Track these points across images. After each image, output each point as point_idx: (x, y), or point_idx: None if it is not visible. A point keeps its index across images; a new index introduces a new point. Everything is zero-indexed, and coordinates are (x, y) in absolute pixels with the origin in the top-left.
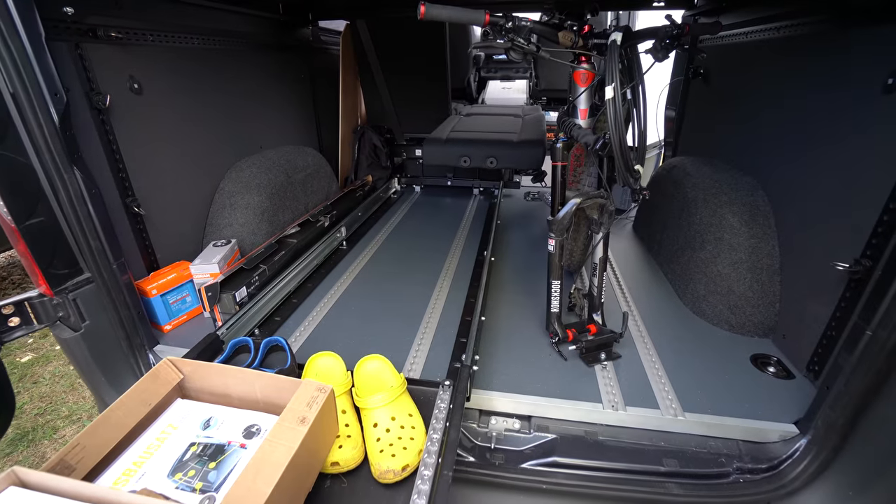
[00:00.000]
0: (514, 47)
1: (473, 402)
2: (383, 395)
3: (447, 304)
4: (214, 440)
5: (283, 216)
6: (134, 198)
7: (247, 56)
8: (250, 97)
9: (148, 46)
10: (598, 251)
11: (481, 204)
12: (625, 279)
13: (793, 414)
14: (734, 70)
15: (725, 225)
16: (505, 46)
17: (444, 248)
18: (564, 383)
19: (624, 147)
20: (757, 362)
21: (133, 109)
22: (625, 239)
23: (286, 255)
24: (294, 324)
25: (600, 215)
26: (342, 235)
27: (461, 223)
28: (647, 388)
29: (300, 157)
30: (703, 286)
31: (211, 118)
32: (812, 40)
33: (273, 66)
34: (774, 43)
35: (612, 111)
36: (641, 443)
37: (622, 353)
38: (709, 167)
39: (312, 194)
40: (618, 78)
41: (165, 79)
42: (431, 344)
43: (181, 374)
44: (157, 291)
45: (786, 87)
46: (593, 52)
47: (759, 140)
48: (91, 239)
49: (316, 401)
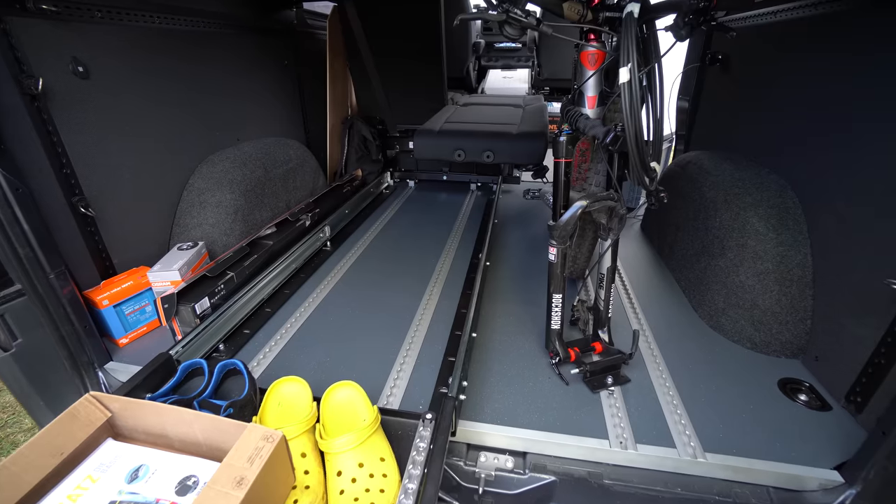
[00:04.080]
0: (509, 20)
1: (460, 436)
2: (350, 437)
3: (436, 314)
4: (139, 498)
5: (261, 214)
6: (82, 196)
7: (221, 39)
8: (225, 85)
9: (95, 24)
10: (606, 260)
11: (478, 200)
12: (633, 288)
13: (833, 455)
14: (761, 54)
15: (750, 230)
16: (499, 19)
17: (435, 250)
18: (565, 414)
19: (640, 141)
20: (786, 388)
21: (78, 96)
22: (632, 240)
23: (259, 260)
24: (264, 337)
25: (609, 220)
26: (326, 235)
27: (456, 222)
28: (660, 421)
29: (282, 151)
30: (722, 298)
31: (178, 107)
32: (858, 16)
33: (252, 51)
34: (813, 21)
35: (626, 97)
36: (655, 488)
37: (632, 376)
38: (729, 163)
39: (295, 190)
40: (635, 58)
41: (119, 62)
42: (416, 363)
43: (108, 413)
44: (110, 302)
45: (825, 73)
46: (605, 28)
47: (789, 133)
48: (19, 246)
49: (260, 454)
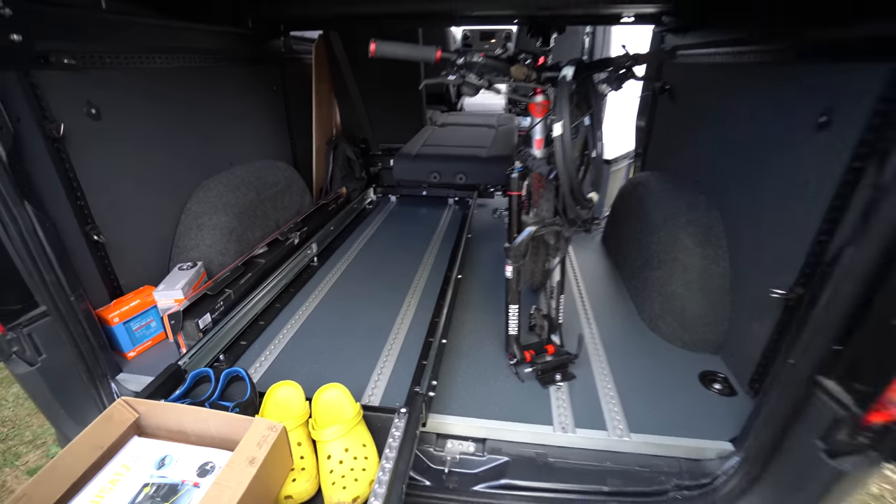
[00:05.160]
0: (465, 83)
1: (430, 427)
2: (337, 428)
3: (413, 323)
4: (168, 480)
5: (253, 234)
6: (94, 225)
7: (214, 72)
8: (219, 113)
9: (106, 69)
10: (556, 275)
11: (455, 214)
12: (588, 295)
13: (730, 431)
14: (696, 89)
15: (680, 245)
16: (457, 83)
17: (414, 263)
18: (519, 406)
19: (574, 184)
20: (705, 379)
21: (91, 136)
22: (592, 252)
23: (253, 278)
24: (260, 347)
25: (556, 241)
26: (313, 252)
27: (434, 236)
28: (597, 409)
29: (271, 173)
30: (659, 304)
31: (177, 138)
32: (765, 68)
33: (243, 80)
34: (732, 66)
35: (560, 149)
36: (589, 463)
37: (578, 372)
38: (671, 186)
39: (284, 210)
40: (567, 115)
41: (126, 101)
42: (394, 367)
43: (136, 414)
44: (120, 319)
45: (740, 111)
46: (547, 86)
47: (716, 160)
48: (46, 273)
49: (266, 440)
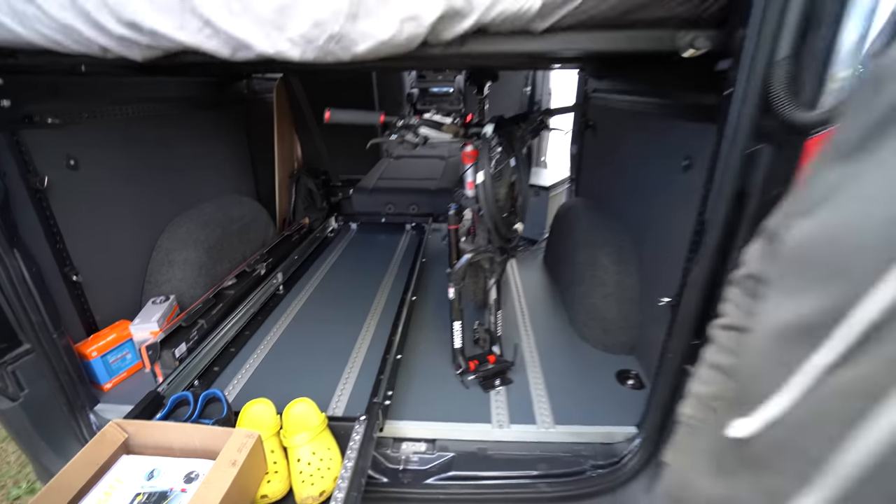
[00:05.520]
0: (404, 141)
1: (388, 432)
2: (305, 435)
3: (372, 342)
4: (158, 488)
5: (222, 267)
6: (72, 266)
7: (183, 117)
8: (187, 154)
9: (83, 124)
10: (493, 294)
11: (413, 239)
12: (528, 309)
13: (636, 417)
14: (610, 127)
15: (599, 264)
16: (398, 142)
17: (374, 287)
18: (464, 409)
19: (497, 219)
20: (620, 376)
21: (70, 184)
22: (535, 270)
23: (223, 308)
24: (232, 372)
25: (491, 266)
26: (279, 281)
27: (392, 260)
28: (528, 407)
29: (237, 208)
30: (584, 314)
31: (148, 180)
32: (651, 117)
33: (209, 123)
34: (634, 112)
35: (482, 194)
36: (521, 453)
37: (516, 377)
38: (594, 211)
39: (250, 242)
40: (487, 166)
41: (101, 150)
42: (356, 381)
43: (126, 434)
44: (98, 353)
45: (639, 149)
46: (474, 139)
47: (626, 189)
48: (32, 313)
49: (245, 446)
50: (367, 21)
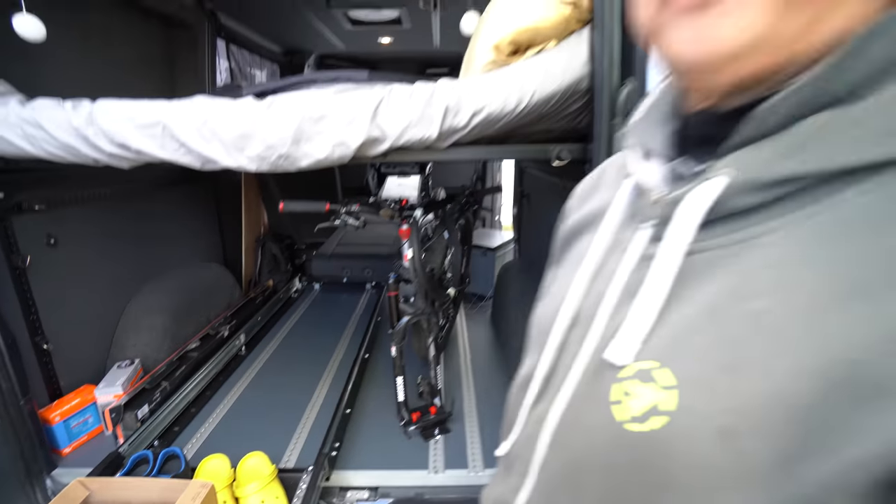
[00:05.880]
0: (346, 225)
1: (334, 481)
2: (255, 485)
3: (326, 397)
4: None
5: (187, 330)
6: (43, 336)
7: (156, 193)
8: (159, 226)
9: (64, 205)
10: (432, 350)
11: (372, 298)
12: (472, 362)
13: None
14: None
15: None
16: (340, 226)
17: (332, 345)
18: (404, 457)
19: (427, 289)
20: None
21: (48, 261)
22: (483, 324)
23: (186, 370)
24: (192, 430)
25: (428, 325)
26: (241, 342)
27: (351, 319)
28: (462, 453)
29: (204, 273)
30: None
31: (120, 252)
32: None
33: (181, 197)
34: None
35: (412, 268)
36: (455, 496)
37: (455, 426)
38: (524, 273)
39: (215, 306)
40: (416, 244)
41: (78, 228)
42: (309, 433)
43: (89, 491)
44: (60, 418)
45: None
46: (408, 220)
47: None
48: (3, 381)
49: (199, 495)
50: (308, 145)
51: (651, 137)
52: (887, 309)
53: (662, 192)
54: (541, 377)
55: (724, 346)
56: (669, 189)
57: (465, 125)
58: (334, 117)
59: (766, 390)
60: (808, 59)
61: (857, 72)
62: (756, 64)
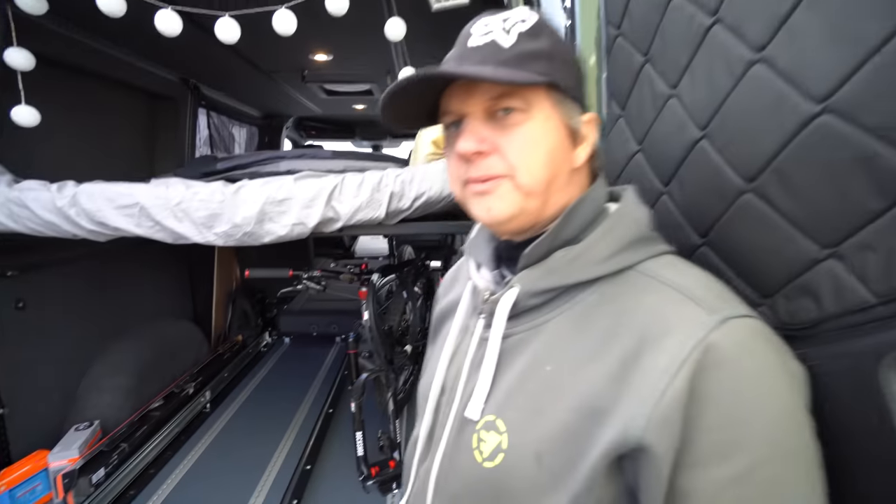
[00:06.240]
0: (308, 288)
1: None
2: None
3: (289, 454)
4: None
5: (150, 389)
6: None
7: (125, 253)
8: (128, 284)
9: (33, 271)
10: (391, 405)
11: (341, 351)
12: None
13: None
14: None
15: None
16: (303, 289)
17: (298, 399)
18: None
19: (381, 348)
20: None
21: (15, 325)
22: None
23: (147, 430)
24: (149, 493)
25: (387, 380)
26: (206, 399)
27: (318, 373)
28: None
29: (172, 331)
30: None
31: (87, 312)
32: None
33: (151, 255)
34: None
35: (367, 328)
36: None
37: None
38: None
39: (181, 362)
40: (371, 306)
41: (47, 290)
42: (269, 492)
43: None
44: (6, 488)
45: None
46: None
47: None
48: None
49: None
50: (270, 225)
51: (480, 253)
52: (606, 368)
53: (488, 293)
54: (423, 438)
55: (531, 397)
56: (493, 290)
57: (409, 207)
58: (294, 201)
59: (555, 424)
60: (550, 219)
61: (572, 227)
62: (520, 223)
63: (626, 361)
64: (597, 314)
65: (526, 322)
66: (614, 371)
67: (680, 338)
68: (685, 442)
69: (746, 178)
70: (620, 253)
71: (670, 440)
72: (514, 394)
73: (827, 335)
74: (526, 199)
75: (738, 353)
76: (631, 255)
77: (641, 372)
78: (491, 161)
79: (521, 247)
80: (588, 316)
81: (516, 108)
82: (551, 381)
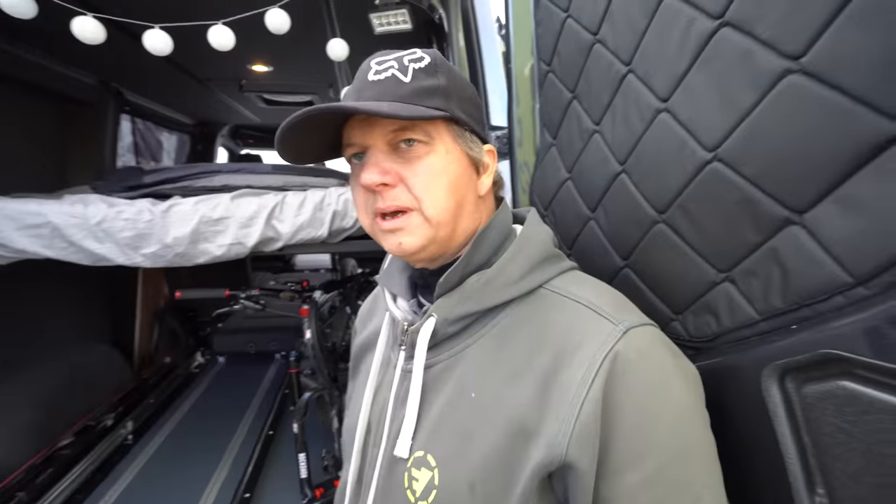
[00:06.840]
0: (245, 308)
1: None
2: None
3: (226, 481)
4: None
5: (58, 425)
6: None
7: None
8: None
9: None
10: (335, 423)
11: (281, 368)
12: None
13: None
14: None
15: None
16: (239, 308)
17: (233, 424)
18: None
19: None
20: None
21: None
22: None
23: (53, 473)
24: None
25: (331, 399)
26: (128, 430)
27: (257, 393)
28: None
29: (85, 357)
30: None
31: None
32: None
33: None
34: None
35: (309, 347)
36: None
37: None
38: None
39: (97, 391)
40: (314, 324)
41: None
42: None
43: None
44: None
45: None
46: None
47: None
48: None
49: None
50: (206, 244)
51: (395, 284)
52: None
53: (406, 324)
54: (352, 482)
55: (459, 426)
56: (411, 321)
57: (352, 226)
58: (232, 220)
59: (486, 448)
60: (460, 245)
61: (483, 251)
62: (431, 253)
63: (546, 378)
64: (514, 335)
65: (447, 350)
66: (537, 389)
67: (592, 349)
68: (603, 452)
69: (658, 209)
70: (530, 273)
71: (592, 453)
72: (441, 425)
73: (724, 347)
74: (435, 230)
75: (640, 360)
76: (540, 275)
77: (560, 387)
78: (397, 192)
79: (435, 274)
80: (506, 338)
81: (418, 139)
82: (478, 407)
